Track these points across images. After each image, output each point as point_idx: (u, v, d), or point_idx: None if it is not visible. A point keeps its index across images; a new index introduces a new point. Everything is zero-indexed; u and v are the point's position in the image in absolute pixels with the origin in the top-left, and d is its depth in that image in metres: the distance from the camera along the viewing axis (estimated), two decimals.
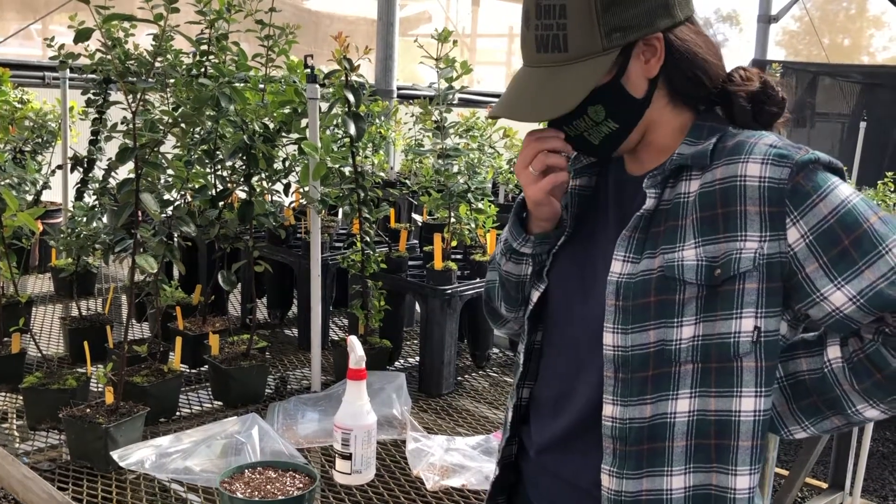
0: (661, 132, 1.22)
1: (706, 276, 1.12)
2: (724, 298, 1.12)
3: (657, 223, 1.18)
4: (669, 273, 1.14)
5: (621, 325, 1.16)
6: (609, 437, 1.18)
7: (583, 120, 1.19)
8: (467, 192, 3.18)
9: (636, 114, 1.20)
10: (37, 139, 4.20)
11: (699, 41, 1.20)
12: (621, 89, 1.17)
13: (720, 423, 1.14)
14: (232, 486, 1.88)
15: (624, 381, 1.16)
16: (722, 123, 1.21)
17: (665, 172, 1.18)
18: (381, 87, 6.20)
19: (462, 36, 11.63)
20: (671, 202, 1.18)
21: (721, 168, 1.14)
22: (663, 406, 1.15)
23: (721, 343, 1.13)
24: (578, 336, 1.26)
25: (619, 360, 1.16)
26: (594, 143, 1.22)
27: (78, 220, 3.15)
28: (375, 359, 2.85)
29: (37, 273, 4.30)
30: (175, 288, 3.28)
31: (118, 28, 3.03)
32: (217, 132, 2.78)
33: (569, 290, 1.28)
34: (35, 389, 2.47)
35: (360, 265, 2.93)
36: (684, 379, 1.15)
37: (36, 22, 6.65)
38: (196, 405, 2.75)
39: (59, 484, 2.12)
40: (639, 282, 1.16)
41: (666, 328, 1.14)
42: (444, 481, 2.20)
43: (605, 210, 1.29)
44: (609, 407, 1.17)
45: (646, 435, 1.16)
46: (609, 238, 1.23)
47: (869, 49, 14.80)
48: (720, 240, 1.12)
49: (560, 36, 1.15)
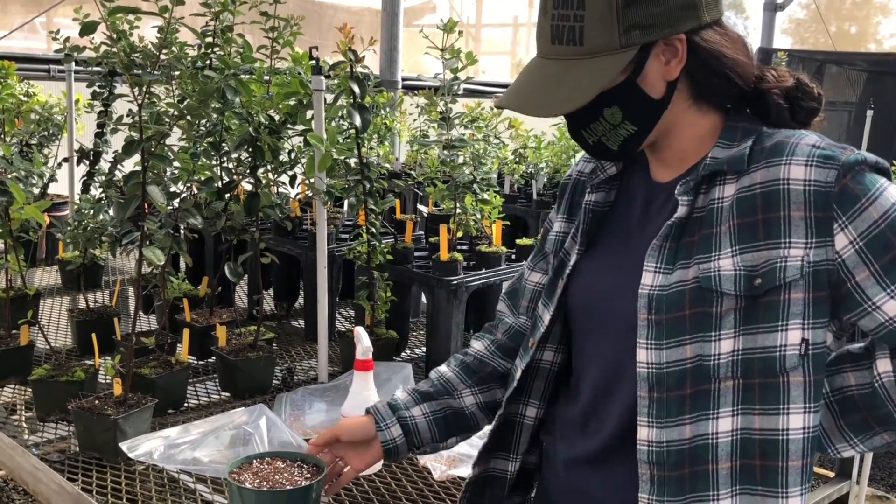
0: (685, 135, 1.17)
1: (745, 287, 1.06)
2: (766, 310, 1.06)
3: (690, 232, 1.12)
4: (706, 284, 1.08)
5: (655, 341, 1.10)
6: (646, 463, 1.11)
7: (599, 123, 1.14)
8: (473, 183, 3.18)
9: (654, 115, 1.14)
10: (43, 132, 4.21)
11: (726, 42, 1.14)
12: (637, 89, 1.12)
13: (766, 442, 1.07)
14: (240, 476, 1.89)
15: (659, 400, 1.10)
16: (754, 124, 1.15)
17: (698, 178, 1.12)
18: (386, 78, 6.20)
19: (467, 26, 11.60)
20: (705, 209, 1.12)
21: (761, 171, 1.08)
22: (704, 426, 1.09)
23: (766, 357, 1.06)
24: (605, 353, 1.21)
25: (653, 377, 1.10)
26: (613, 148, 1.17)
27: (84, 213, 3.16)
28: (382, 349, 2.85)
29: (44, 266, 4.32)
30: (182, 280, 3.29)
31: (123, 20, 3.02)
32: (223, 124, 2.78)
33: (593, 306, 1.23)
34: (44, 381, 2.48)
35: (367, 256, 2.94)
36: (725, 396, 1.08)
37: (40, 15, 6.66)
38: (204, 396, 2.76)
39: (68, 475, 2.14)
40: (672, 294, 1.10)
41: (703, 342, 1.08)
42: (450, 471, 2.20)
43: (630, 220, 1.24)
44: (644, 430, 1.11)
45: (687, 458, 1.09)
46: (638, 249, 1.17)
47: (876, 37, 14.72)
48: (760, 247, 1.06)
49: (577, 28, 1.10)
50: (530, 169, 4.93)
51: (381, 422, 1.40)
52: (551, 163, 4.88)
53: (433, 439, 1.41)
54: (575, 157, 4.78)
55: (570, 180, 1.38)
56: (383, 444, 1.39)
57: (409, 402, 1.42)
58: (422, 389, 1.44)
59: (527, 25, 13.46)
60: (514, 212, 4.54)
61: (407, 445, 1.40)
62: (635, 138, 1.15)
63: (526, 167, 4.95)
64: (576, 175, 1.37)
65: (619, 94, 1.11)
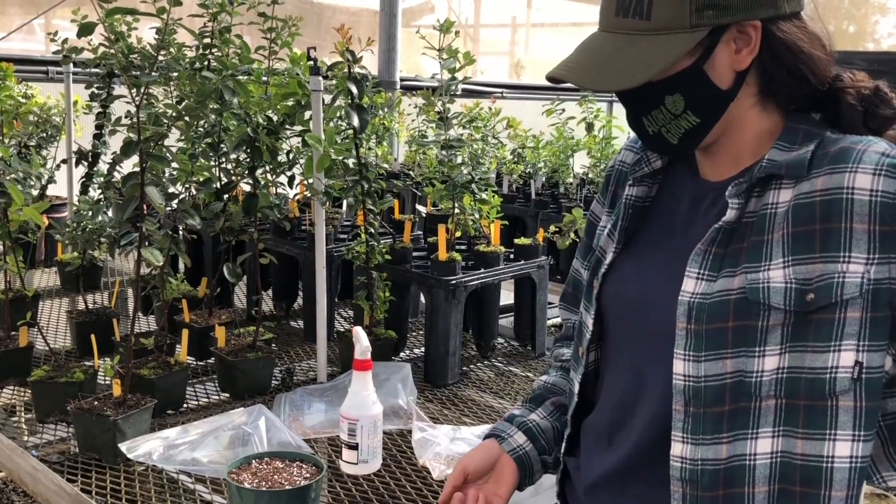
0: (745, 133, 1.10)
1: (797, 302, 0.99)
2: (818, 327, 0.99)
3: (739, 238, 1.06)
4: (753, 296, 1.01)
5: (693, 352, 1.04)
6: (678, 480, 1.05)
7: (661, 111, 1.08)
8: (471, 183, 3.18)
9: (719, 107, 1.07)
10: (41, 134, 4.21)
11: (803, 36, 1.07)
12: (704, 77, 1.05)
13: (808, 468, 1.00)
14: (239, 476, 1.90)
15: (695, 415, 1.04)
16: (817, 127, 1.08)
17: (752, 180, 1.05)
18: (384, 79, 6.20)
19: (465, 26, 11.61)
20: (756, 214, 1.05)
21: (822, 178, 1.01)
22: (741, 446, 1.02)
23: (814, 378, 0.99)
24: (638, 360, 1.15)
25: (689, 391, 1.04)
26: (672, 141, 1.10)
27: (83, 214, 3.16)
28: (381, 349, 2.86)
29: (43, 267, 4.32)
30: (181, 281, 3.29)
31: (121, 22, 3.03)
32: (221, 125, 2.78)
33: (628, 310, 1.17)
34: (43, 382, 2.48)
35: (365, 256, 2.94)
36: (766, 416, 1.02)
37: (38, 17, 6.66)
38: (203, 397, 2.76)
39: (68, 476, 2.14)
40: (715, 303, 1.04)
41: (746, 358, 1.02)
42: (449, 471, 2.20)
43: (672, 220, 1.17)
44: (678, 445, 1.05)
45: (721, 479, 1.03)
46: (681, 252, 1.11)
47: (874, 36, 14.72)
48: (815, 260, 1.00)
49: (644, 1, 1.03)
50: (528, 169, 4.94)
51: (501, 433, 1.31)
52: (549, 162, 4.89)
53: (556, 440, 1.32)
54: (573, 156, 4.79)
55: (612, 171, 1.31)
56: (512, 454, 1.28)
57: (524, 412, 1.34)
58: (530, 397, 1.38)
59: (525, 26, 13.46)
60: (513, 212, 4.55)
61: (538, 453, 1.30)
62: (697, 132, 1.08)
63: (524, 167, 4.95)
64: (618, 165, 1.30)
65: (683, 79, 1.05)
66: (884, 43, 14.56)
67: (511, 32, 13.33)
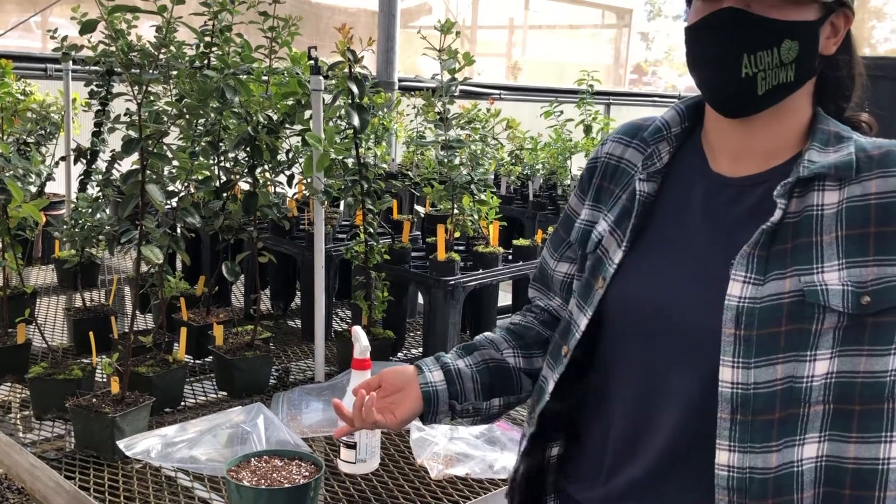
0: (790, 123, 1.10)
1: (853, 304, 0.99)
2: (875, 331, 0.99)
3: (782, 239, 1.04)
4: (811, 298, 1.00)
5: (743, 359, 1.01)
6: (725, 490, 1.02)
7: (770, 54, 1.05)
8: (470, 184, 3.19)
9: (809, 74, 1.09)
10: (40, 131, 4.20)
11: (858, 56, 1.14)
12: (816, 39, 1.07)
13: (861, 472, 1.00)
14: (238, 474, 1.90)
15: (743, 423, 1.01)
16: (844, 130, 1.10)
17: (795, 180, 1.04)
18: (383, 79, 6.21)
19: (462, 28, 11.62)
20: (799, 215, 1.04)
21: (876, 181, 1.02)
22: (790, 454, 1.01)
23: (873, 383, 0.99)
24: (658, 364, 1.12)
25: (738, 398, 1.01)
26: (760, 91, 1.06)
27: (82, 212, 3.16)
28: (379, 349, 2.86)
29: (40, 264, 4.31)
30: (179, 279, 3.29)
31: (121, 19, 3.03)
32: (221, 124, 2.78)
33: (646, 312, 1.13)
34: (41, 379, 2.48)
35: (364, 256, 2.94)
36: (813, 422, 1.00)
37: (36, 14, 6.65)
38: (201, 395, 2.76)
39: (65, 473, 2.14)
40: (766, 308, 1.01)
41: (797, 362, 1.00)
42: (448, 470, 2.21)
43: (687, 217, 1.14)
44: (724, 454, 1.02)
45: (771, 488, 1.01)
46: (701, 250, 1.10)
47: (870, 41, 14.78)
48: (869, 263, 1.00)
49: None
50: (526, 170, 4.94)
51: (423, 366, 1.31)
52: (547, 164, 4.90)
53: (476, 393, 1.30)
54: (571, 158, 4.79)
55: (596, 163, 1.27)
56: (422, 387, 1.28)
57: (454, 356, 1.34)
58: (465, 344, 1.37)
59: (522, 28, 13.48)
60: (511, 213, 4.55)
61: (448, 396, 1.29)
62: (786, 89, 1.07)
63: (522, 168, 4.96)
64: (604, 157, 1.27)
65: (806, 30, 1.05)
66: (880, 48, 14.61)
67: (508, 34, 13.36)
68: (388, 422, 1.26)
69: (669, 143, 1.19)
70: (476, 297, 3.18)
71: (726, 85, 1.07)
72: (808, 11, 1.05)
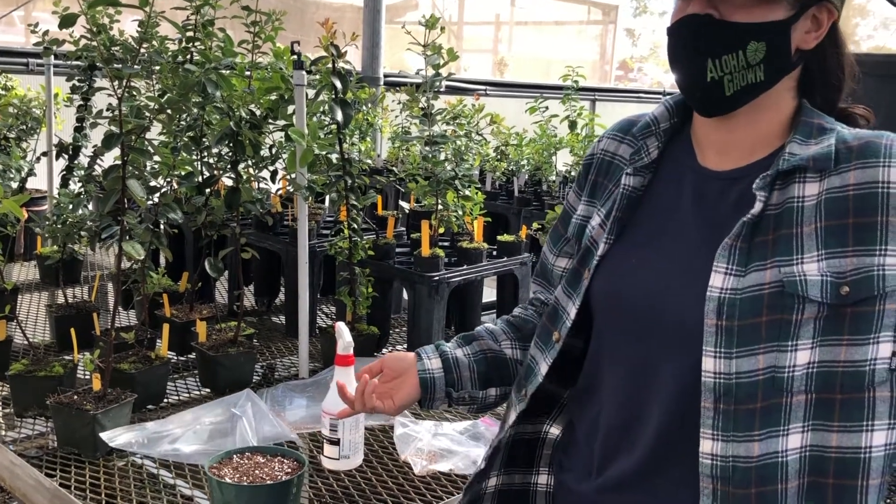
0: (771, 118, 1.11)
1: (832, 295, 1.00)
2: (854, 320, 1.00)
3: (764, 231, 1.05)
4: (791, 289, 1.01)
5: (724, 349, 1.02)
6: (708, 477, 1.04)
7: (735, 57, 1.06)
8: (454, 179, 3.18)
9: (781, 73, 1.09)
10: (21, 126, 4.17)
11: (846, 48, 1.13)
12: (786, 38, 1.06)
13: (843, 460, 1.01)
14: (220, 470, 1.89)
15: (726, 413, 1.03)
16: (827, 122, 1.10)
17: (775, 173, 1.05)
18: (368, 75, 6.20)
19: (449, 24, 11.60)
20: (780, 206, 1.05)
21: (854, 172, 1.02)
22: (773, 444, 1.02)
23: (854, 372, 1.00)
24: (647, 355, 1.13)
25: (720, 388, 1.02)
26: (728, 92, 1.08)
27: (63, 208, 3.13)
28: (363, 345, 2.85)
29: (22, 261, 4.28)
30: (162, 275, 3.27)
31: (103, 14, 3.01)
32: (203, 119, 2.77)
33: (632, 303, 1.14)
34: (22, 377, 2.46)
35: (348, 252, 2.94)
36: (796, 412, 1.01)
37: (18, 8, 6.59)
38: (184, 392, 2.75)
39: (46, 470, 2.12)
40: (747, 298, 1.03)
41: (778, 353, 1.01)
42: (431, 466, 2.21)
43: (675, 210, 1.16)
44: (708, 442, 1.03)
45: (754, 477, 1.02)
46: (689, 243, 1.11)
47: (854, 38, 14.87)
48: (848, 253, 1.01)
49: None
50: (512, 166, 4.94)
51: (423, 353, 1.36)
52: (532, 160, 4.90)
53: (472, 382, 1.34)
54: (556, 154, 4.80)
55: (592, 159, 1.30)
56: (420, 374, 1.32)
57: (453, 345, 1.38)
58: (465, 334, 1.40)
59: (508, 24, 13.47)
60: (496, 209, 4.55)
61: (444, 383, 1.32)
62: (755, 89, 1.08)
63: (507, 164, 4.96)
64: (600, 154, 1.29)
65: (773, 30, 1.06)
66: (864, 45, 14.70)
67: (494, 30, 13.35)
68: (386, 407, 1.32)
69: (658, 138, 1.21)
70: (460, 292, 3.17)
71: (693, 88, 1.11)
72: (778, 10, 1.06)
